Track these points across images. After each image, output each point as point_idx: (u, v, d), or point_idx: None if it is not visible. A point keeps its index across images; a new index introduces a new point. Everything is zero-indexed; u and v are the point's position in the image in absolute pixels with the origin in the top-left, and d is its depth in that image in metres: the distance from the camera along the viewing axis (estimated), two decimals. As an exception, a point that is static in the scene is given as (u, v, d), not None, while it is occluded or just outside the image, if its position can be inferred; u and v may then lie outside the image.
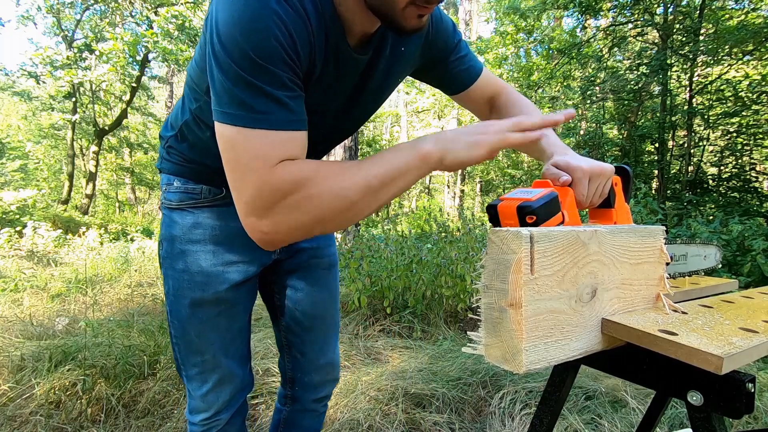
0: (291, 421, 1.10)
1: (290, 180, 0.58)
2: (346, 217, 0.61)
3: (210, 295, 0.85)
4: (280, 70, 0.58)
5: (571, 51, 8.17)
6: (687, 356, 0.47)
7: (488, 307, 0.52)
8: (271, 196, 0.58)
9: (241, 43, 0.55)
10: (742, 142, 6.33)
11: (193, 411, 0.92)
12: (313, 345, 1.04)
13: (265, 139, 0.58)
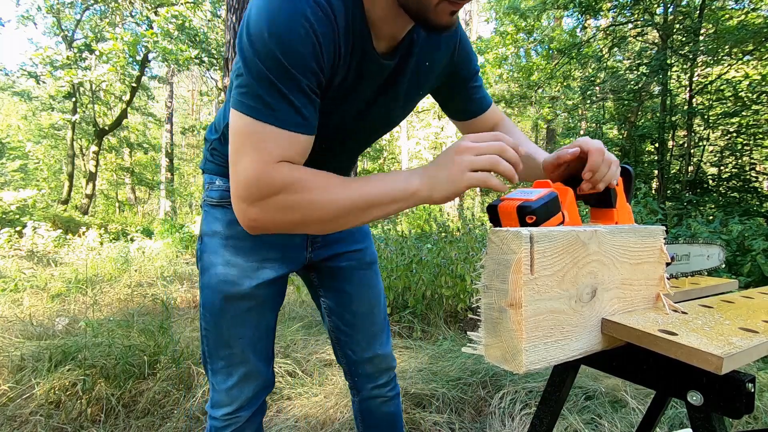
0: (365, 410, 1.14)
1: (284, 181, 0.62)
2: (327, 227, 0.66)
3: (243, 290, 0.88)
4: (301, 76, 0.61)
5: (571, 51, 8.17)
6: (687, 356, 0.47)
7: (488, 307, 0.52)
8: (264, 190, 0.62)
9: (269, 44, 0.59)
10: (742, 142, 6.32)
11: (216, 405, 0.94)
12: (360, 342, 1.07)
13: (271, 135, 0.62)
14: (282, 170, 0.62)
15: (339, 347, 1.10)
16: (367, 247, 1.07)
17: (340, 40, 0.65)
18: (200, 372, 2.11)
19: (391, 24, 0.70)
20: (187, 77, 20.90)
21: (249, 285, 0.89)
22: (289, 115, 0.62)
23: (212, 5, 11.50)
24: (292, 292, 3.68)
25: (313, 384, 2.09)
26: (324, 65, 0.64)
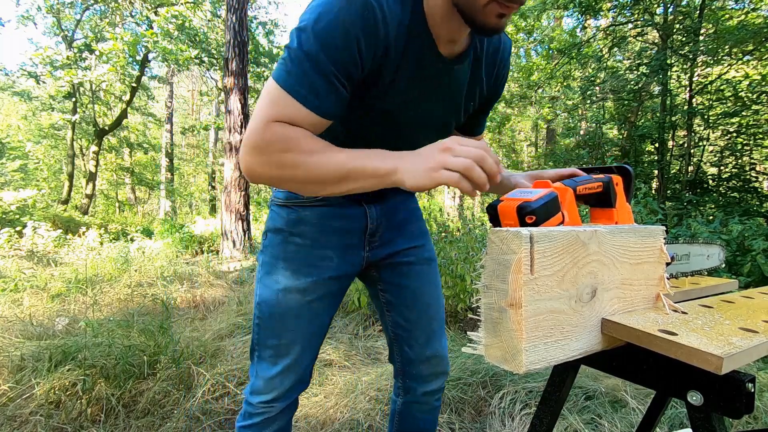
0: (404, 412, 1.14)
1: (279, 137, 0.68)
2: (309, 188, 0.71)
3: (301, 285, 0.93)
4: (331, 67, 0.67)
5: (571, 51, 8.17)
6: (687, 356, 0.47)
7: (488, 307, 0.52)
8: (262, 141, 0.68)
9: (314, 30, 0.66)
10: (742, 142, 6.32)
11: (255, 392, 0.98)
12: (419, 338, 1.07)
13: (285, 100, 0.68)
14: (281, 128, 0.68)
15: (396, 344, 1.10)
16: (425, 244, 1.10)
17: (389, 40, 0.71)
18: (200, 372, 2.11)
19: (447, 25, 0.75)
20: (187, 77, 20.89)
21: (307, 281, 0.93)
22: (307, 90, 0.68)
23: (212, 5, 11.50)
24: (292, 292, 3.68)
25: (313, 384, 2.09)
26: (362, 61, 0.70)
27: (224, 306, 3.51)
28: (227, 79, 6.78)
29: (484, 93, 0.93)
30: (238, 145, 6.70)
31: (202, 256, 6.57)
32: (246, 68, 6.90)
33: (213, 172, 18.76)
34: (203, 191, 19.72)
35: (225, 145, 6.87)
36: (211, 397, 1.98)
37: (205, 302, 3.65)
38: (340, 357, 2.44)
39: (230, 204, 6.66)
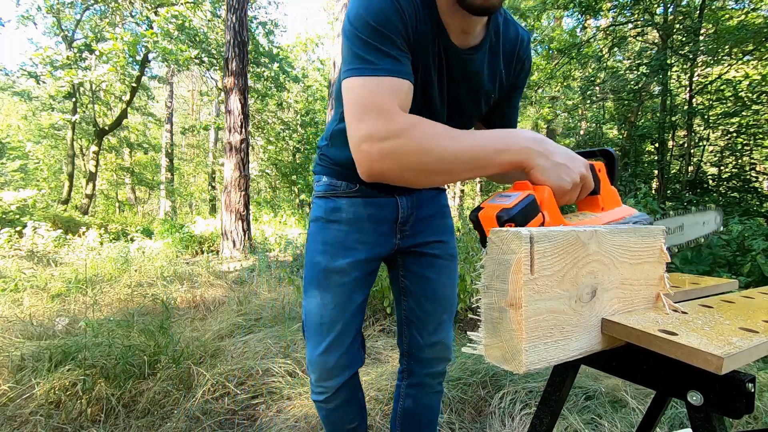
0: (408, 394, 1.19)
1: (398, 126, 0.67)
2: (435, 180, 0.70)
3: (338, 266, 1.03)
4: (391, 34, 0.73)
5: (571, 51, 8.17)
6: (687, 356, 0.47)
7: (488, 308, 0.52)
8: (387, 130, 0.67)
9: (363, 15, 0.72)
10: (742, 142, 6.32)
11: (312, 371, 1.07)
12: (429, 327, 1.14)
13: (379, 85, 0.70)
14: (396, 117, 0.68)
15: (407, 329, 1.16)
16: (450, 241, 1.16)
17: (420, 17, 0.78)
18: (200, 372, 2.11)
19: (456, 16, 0.81)
20: (187, 77, 20.89)
21: (343, 262, 1.03)
22: (388, 64, 0.71)
23: (212, 5, 11.49)
24: (292, 292, 3.68)
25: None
26: (409, 32, 0.76)
27: (224, 306, 3.51)
28: (227, 79, 6.78)
29: (505, 84, 0.97)
30: (238, 144, 6.70)
31: (202, 256, 6.57)
32: (246, 68, 6.90)
33: (213, 172, 18.77)
34: (203, 191, 19.72)
35: (225, 145, 6.87)
36: (211, 397, 1.98)
37: (205, 302, 3.65)
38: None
39: (230, 204, 6.66)
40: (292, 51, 16.98)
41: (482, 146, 0.66)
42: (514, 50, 0.94)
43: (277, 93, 13.04)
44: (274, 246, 7.09)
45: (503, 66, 0.94)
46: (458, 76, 0.88)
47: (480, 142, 0.67)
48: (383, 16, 0.72)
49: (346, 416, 1.13)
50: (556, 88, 9.89)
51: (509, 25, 0.94)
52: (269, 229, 9.44)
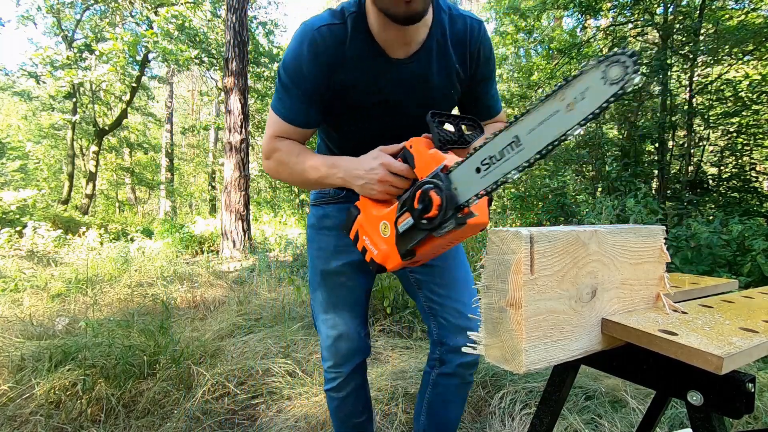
0: (438, 383, 1.18)
1: (273, 149, 1.00)
2: (297, 185, 1.07)
3: (333, 267, 1.12)
4: (298, 86, 0.93)
5: (571, 51, 8.17)
6: (687, 356, 0.47)
7: (488, 307, 0.52)
8: (266, 152, 1.01)
9: (285, 61, 0.94)
10: (742, 142, 6.32)
11: (324, 359, 1.19)
12: (452, 311, 1.14)
13: (276, 121, 0.99)
14: (275, 142, 0.99)
15: (432, 317, 1.16)
16: None
17: (334, 61, 0.91)
18: (200, 372, 2.11)
19: (385, 30, 0.90)
20: (187, 77, 20.89)
21: (337, 264, 1.12)
22: (287, 110, 0.97)
23: (212, 5, 11.49)
24: (292, 292, 3.68)
25: (313, 384, 2.09)
26: (318, 81, 0.92)
27: (224, 306, 3.51)
28: (227, 79, 6.78)
29: (462, 76, 1.01)
30: (238, 144, 6.70)
31: (202, 256, 6.57)
32: (246, 68, 6.90)
33: (213, 172, 18.76)
34: (203, 191, 19.72)
35: (225, 145, 6.87)
36: (211, 397, 1.98)
37: (205, 302, 3.65)
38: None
39: (230, 204, 6.66)
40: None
41: (314, 175, 0.95)
42: (464, 43, 0.97)
43: (277, 93, 13.00)
44: (274, 246, 7.09)
45: (457, 61, 0.98)
46: (405, 85, 0.96)
47: (314, 170, 0.95)
48: (293, 69, 0.92)
49: (356, 407, 1.21)
50: (556, 88, 9.88)
51: (456, 20, 0.97)
52: (269, 229, 9.43)
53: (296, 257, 5.72)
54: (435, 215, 0.71)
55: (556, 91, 0.59)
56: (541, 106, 0.60)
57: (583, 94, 0.56)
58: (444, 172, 0.73)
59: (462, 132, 0.89)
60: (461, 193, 0.70)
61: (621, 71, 0.54)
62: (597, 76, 0.55)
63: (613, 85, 0.54)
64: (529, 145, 0.62)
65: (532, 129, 0.61)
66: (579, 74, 0.57)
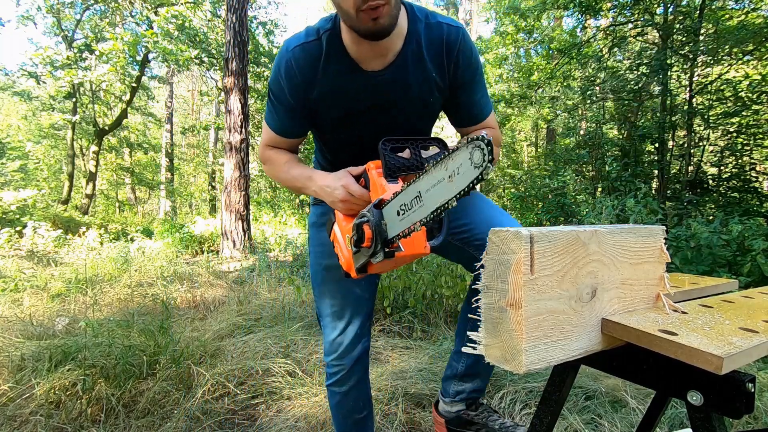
0: (477, 292, 1.17)
1: (264, 157, 1.13)
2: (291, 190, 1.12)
3: (334, 262, 1.10)
4: (281, 102, 1.02)
5: (571, 51, 8.17)
6: (687, 356, 0.47)
7: (488, 307, 0.52)
8: (261, 158, 1.15)
9: (269, 80, 1.03)
10: (742, 142, 6.31)
11: (326, 353, 1.22)
12: (485, 226, 1.07)
13: (267, 131, 1.10)
14: (267, 151, 1.12)
15: (467, 245, 1.06)
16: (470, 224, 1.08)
17: (309, 79, 0.96)
18: (200, 372, 2.11)
19: (362, 46, 0.93)
20: (187, 77, 20.89)
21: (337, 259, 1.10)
22: (275, 122, 1.07)
23: (212, 5, 11.49)
24: (292, 292, 3.68)
25: (313, 384, 2.09)
26: (297, 97, 0.99)
27: (224, 306, 3.51)
28: (227, 79, 6.78)
29: (441, 83, 1.01)
30: (238, 144, 6.70)
31: (202, 256, 6.57)
32: (246, 68, 6.90)
33: (213, 172, 18.76)
34: (203, 191, 19.71)
35: (225, 144, 6.87)
36: (211, 397, 1.98)
37: (205, 302, 3.65)
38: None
39: (230, 204, 6.66)
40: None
41: (297, 184, 1.06)
42: (441, 51, 0.98)
43: (277, 93, 13.00)
44: (274, 246, 7.09)
45: (434, 69, 0.99)
46: (383, 96, 0.98)
47: (295, 180, 1.06)
48: (275, 88, 1.01)
49: (357, 402, 1.23)
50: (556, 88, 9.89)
51: (432, 27, 0.98)
52: (269, 229, 9.43)
53: (296, 257, 5.72)
54: (368, 246, 0.80)
55: (442, 159, 0.66)
56: (433, 170, 0.67)
57: (458, 170, 0.64)
58: (379, 206, 0.80)
59: (419, 156, 0.90)
60: (390, 228, 0.77)
61: (481, 157, 0.60)
62: (465, 157, 0.62)
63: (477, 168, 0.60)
64: (427, 203, 0.68)
65: (428, 189, 0.68)
66: (456, 150, 0.64)
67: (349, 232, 0.90)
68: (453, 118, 1.11)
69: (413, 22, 0.97)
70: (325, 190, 0.97)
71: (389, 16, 0.83)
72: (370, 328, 1.23)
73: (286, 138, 1.08)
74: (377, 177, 0.87)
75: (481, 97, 1.07)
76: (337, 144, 1.12)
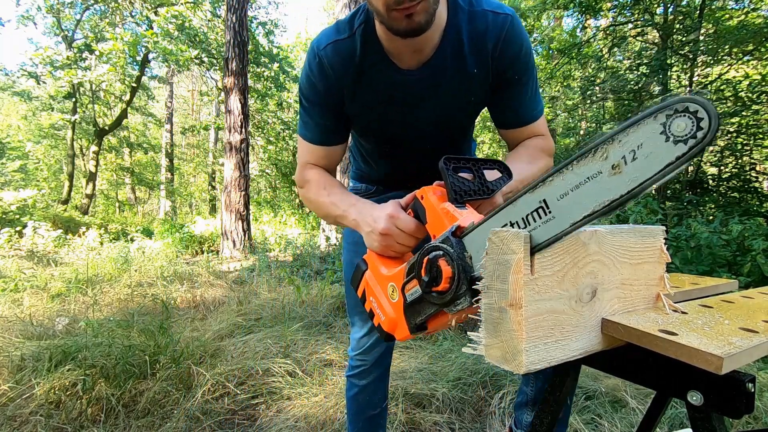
0: None
1: (302, 180, 1.02)
2: (319, 215, 1.01)
3: None
4: (315, 104, 0.94)
5: (571, 51, 8.16)
6: (687, 356, 0.47)
7: (488, 308, 0.52)
8: (297, 181, 1.04)
9: (300, 84, 0.96)
10: (742, 142, 6.31)
11: (353, 349, 1.23)
12: None
13: (303, 147, 1.01)
14: (305, 171, 1.01)
15: None
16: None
17: (342, 78, 0.89)
18: (200, 372, 2.11)
19: (392, 41, 0.85)
20: (187, 77, 20.89)
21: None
22: (310, 131, 0.98)
23: (212, 5, 11.49)
24: (292, 292, 3.68)
25: (313, 384, 2.09)
26: (334, 91, 0.91)
27: (224, 306, 3.51)
28: (227, 79, 6.78)
29: (483, 80, 0.90)
30: (238, 144, 6.70)
31: (202, 256, 6.56)
32: (246, 68, 6.90)
33: (213, 172, 18.76)
34: (203, 191, 19.72)
35: (225, 144, 6.87)
36: (211, 397, 1.98)
37: (205, 302, 3.65)
38: (340, 357, 2.44)
39: (230, 204, 6.66)
40: (292, 51, 16.97)
41: (336, 212, 0.92)
42: (484, 44, 0.86)
43: (277, 93, 13.03)
44: (274, 246, 7.09)
45: (475, 65, 0.88)
46: (417, 96, 0.91)
47: (335, 206, 0.92)
48: (307, 88, 0.93)
49: (373, 397, 1.24)
50: (556, 88, 9.89)
51: (476, 17, 0.86)
52: (269, 229, 9.44)
53: (296, 257, 5.72)
54: (446, 289, 0.58)
55: (595, 147, 0.46)
56: (573, 164, 0.47)
57: (635, 153, 0.43)
58: (457, 235, 0.60)
59: (483, 179, 0.73)
60: (477, 262, 0.56)
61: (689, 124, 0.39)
62: (653, 129, 0.42)
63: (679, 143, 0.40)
64: (563, 214, 0.48)
65: (565, 193, 0.48)
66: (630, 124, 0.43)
67: (391, 280, 0.73)
68: (496, 118, 0.99)
69: (454, 12, 0.86)
70: (365, 219, 0.81)
71: (425, 13, 0.74)
72: None
73: (325, 147, 0.98)
74: (439, 202, 0.69)
75: (529, 97, 0.94)
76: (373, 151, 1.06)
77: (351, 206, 0.88)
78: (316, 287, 3.81)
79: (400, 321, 0.71)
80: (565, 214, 0.47)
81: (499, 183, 0.75)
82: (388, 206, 0.78)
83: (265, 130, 14.03)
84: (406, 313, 0.69)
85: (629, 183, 0.43)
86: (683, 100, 0.39)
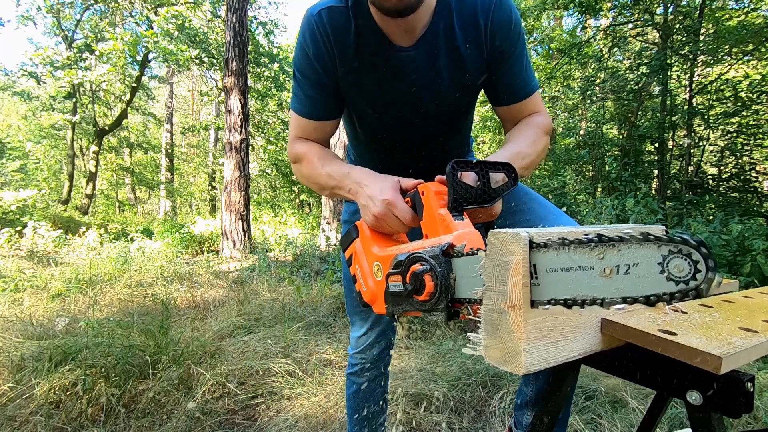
0: None
1: (295, 154, 0.99)
2: (315, 189, 0.99)
3: None
4: (307, 76, 0.91)
5: (571, 51, 8.16)
6: (687, 356, 0.47)
7: (488, 309, 0.52)
8: (290, 156, 1.02)
9: (294, 55, 0.93)
10: (742, 142, 6.31)
11: (352, 347, 1.25)
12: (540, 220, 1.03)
13: (294, 118, 0.98)
14: (297, 145, 0.98)
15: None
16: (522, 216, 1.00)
17: (335, 50, 0.88)
18: (200, 372, 2.11)
19: (382, 19, 0.85)
20: (187, 77, 20.90)
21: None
22: (302, 104, 0.95)
23: (212, 5, 11.49)
24: (292, 292, 3.68)
25: (313, 384, 2.09)
26: (323, 70, 0.90)
27: (224, 306, 3.51)
28: (227, 79, 6.78)
29: (477, 58, 0.90)
30: (238, 144, 6.70)
31: (202, 256, 6.57)
32: (246, 68, 6.90)
33: (213, 172, 18.76)
34: (203, 191, 19.72)
35: (225, 144, 6.87)
36: (211, 397, 1.98)
37: (205, 302, 3.65)
38: (339, 357, 2.44)
39: (230, 204, 6.66)
40: (292, 51, 16.98)
41: (331, 183, 0.91)
42: (475, 21, 0.87)
43: (277, 93, 13.03)
44: (274, 246, 7.09)
45: (467, 42, 0.88)
46: (411, 75, 0.90)
47: (329, 177, 0.91)
48: (300, 58, 0.91)
49: (374, 394, 1.25)
50: (556, 88, 9.89)
51: None
52: (269, 229, 9.44)
53: (296, 257, 5.72)
54: (425, 300, 0.61)
55: (595, 243, 0.44)
56: (570, 248, 0.46)
57: (630, 267, 0.43)
58: (446, 254, 0.60)
59: (487, 183, 0.72)
60: (460, 285, 0.58)
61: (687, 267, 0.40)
62: (651, 255, 0.41)
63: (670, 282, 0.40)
64: (545, 285, 0.48)
65: (554, 269, 0.47)
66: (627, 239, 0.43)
67: (377, 259, 0.75)
68: (492, 96, 0.99)
69: None
70: (364, 190, 0.81)
71: None
72: (394, 329, 1.24)
73: (317, 120, 0.95)
74: (437, 206, 0.70)
75: (524, 70, 0.94)
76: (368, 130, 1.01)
77: (347, 176, 0.87)
78: (316, 287, 3.81)
79: (378, 300, 0.74)
80: (549, 288, 0.48)
81: (502, 189, 0.74)
82: (388, 190, 0.77)
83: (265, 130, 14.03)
84: (386, 298, 0.71)
85: (614, 291, 0.44)
86: (690, 245, 0.40)
